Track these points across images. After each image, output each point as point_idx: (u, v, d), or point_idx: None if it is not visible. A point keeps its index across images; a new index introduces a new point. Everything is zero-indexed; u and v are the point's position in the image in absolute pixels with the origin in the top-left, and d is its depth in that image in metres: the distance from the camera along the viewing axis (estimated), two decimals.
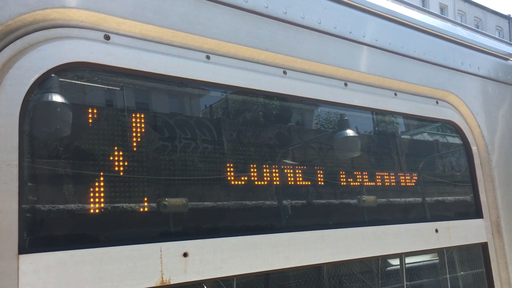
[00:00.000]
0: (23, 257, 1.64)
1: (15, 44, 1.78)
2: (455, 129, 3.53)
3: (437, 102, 3.41)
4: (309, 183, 2.78)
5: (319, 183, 2.83)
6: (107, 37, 1.99)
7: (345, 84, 2.86)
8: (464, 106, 3.52)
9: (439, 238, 3.10)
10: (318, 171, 2.85)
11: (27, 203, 1.75)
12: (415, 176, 3.41)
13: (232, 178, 2.42)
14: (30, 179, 1.78)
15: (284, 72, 2.58)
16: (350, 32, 2.86)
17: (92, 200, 1.94)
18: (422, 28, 3.34)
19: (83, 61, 1.90)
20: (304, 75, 2.67)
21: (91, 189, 1.95)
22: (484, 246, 3.43)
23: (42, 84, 1.82)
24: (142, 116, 2.20)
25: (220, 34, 2.32)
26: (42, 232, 1.82)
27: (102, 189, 1.97)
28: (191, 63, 2.22)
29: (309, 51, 2.67)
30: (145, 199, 2.09)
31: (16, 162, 1.68)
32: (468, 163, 3.54)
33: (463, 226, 3.30)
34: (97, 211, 1.95)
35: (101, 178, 1.97)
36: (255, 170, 2.52)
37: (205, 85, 2.32)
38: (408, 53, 3.19)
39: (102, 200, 1.96)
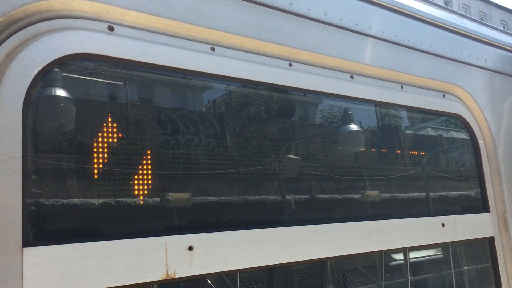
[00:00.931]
0: (27, 250, 1.63)
1: (18, 35, 1.76)
2: (462, 123, 3.50)
3: (443, 96, 3.37)
4: (314, 176, 2.76)
5: (324, 176, 2.80)
6: (111, 28, 1.97)
7: (351, 77, 2.83)
8: (471, 99, 3.48)
9: (446, 232, 3.07)
10: (323, 165, 2.83)
11: (31, 196, 1.73)
12: (421, 170, 3.39)
13: (237, 171, 2.40)
14: (34, 172, 1.76)
15: (290, 64, 2.55)
16: (357, 24, 2.83)
17: (96, 193, 1.92)
18: (429, 20, 3.30)
19: (86, 52, 1.88)
20: (309, 68, 2.64)
21: (96, 182, 1.93)
22: (490, 240, 3.40)
23: (46, 75, 1.80)
24: (146, 109, 2.18)
25: (225, 26, 2.29)
26: (46, 225, 1.80)
27: (106, 182, 1.95)
28: (195, 55, 2.20)
29: (315, 43, 2.64)
30: (149, 193, 2.07)
31: (19, 154, 1.66)
32: (475, 157, 3.51)
33: (469, 220, 3.27)
34: (101, 204, 1.93)
35: (105, 172, 1.96)
36: (260, 163, 2.50)
37: (210, 77, 2.30)
38: (415, 46, 3.15)
39: (106, 193, 1.94)
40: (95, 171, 1.94)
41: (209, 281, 2.27)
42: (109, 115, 2.03)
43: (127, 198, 2.01)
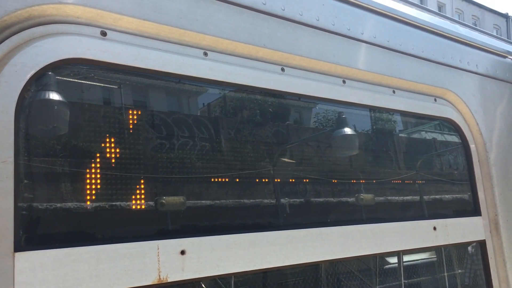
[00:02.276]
0: (19, 255, 1.63)
1: (10, 40, 1.76)
2: (454, 127, 3.52)
3: (435, 100, 3.40)
4: (307, 180, 2.77)
5: (317, 181, 2.82)
6: (103, 33, 1.98)
7: (343, 81, 2.85)
8: (463, 103, 3.51)
9: (437, 236, 3.09)
10: (316, 169, 2.85)
11: (23, 201, 1.73)
12: (413, 173, 3.41)
13: (230, 176, 2.41)
14: (26, 177, 1.77)
15: (282, 69, 2.57)
16: (349, 29, 2.85)
17: (88, 198, 1.93)
18: (421, 25, 3.33)
19: (79, 57, 1.89)
20: (302, 72, 2.66)
21: (88, 187, 1.94)
22: (482, 244, 3.42)
23: (38, 80, 1.81)
24: (139, 113, 2.19)
25: (218, 31, 2.30)
26: (38, 230, 1.81)
27: (98, 187, 1.96)
28: (188, 59, 2.21)
29: (307, 48, 2.66)
30: (142, 197, 2.07)
31: (11, 159, 1.67)
32: (466, 160, 3.54)
33: (461, 224, 3.29)
34: (93, 209, 1.93)
35: (98, 176, 1.96)
36: (253, 167, 2.51)
37: (203, 82, 2.31)
38: (407, 51, 3.18)
39: (98, 198, 1.95)
40: (88, 176, 1.94)
41: (203, 285, 2.28)
42: (102, 119, 2.03)
43: (119, 202, 2.02)
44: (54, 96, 1.91)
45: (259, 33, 2.45)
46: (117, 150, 2.03)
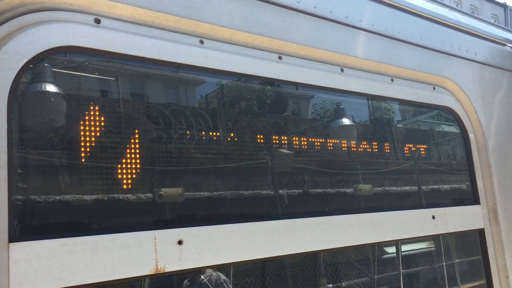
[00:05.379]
0: (13, 246, 1.61)
1: (2, 27, 1.73)
2: (452, 115, 3.50)
3: (434, 88, 3.38)
4: (305, 170, 2.75)
5: (315, 170, 2.80)
6: (97, 21, 1.94)
7: (341, 70, 2.82)
8: (461, 92, 3.49)
9: (436, 225, 3.09)
10: (314, 159, 2.83)
11: (17, 191, 1.71)
12: (412, 163, 3.39)
13: (228, 165, 2.39)
14: (20, 166, 1.74)
15: (280, 57, 2.54)
16: (346, 17, 2.82)
17: (84, 188, 1.90)
18: (419, 13, 3.30)
19: (73, 45, 1.85)
20: (299, 61, 2.63)
21: (83, 177, 1.91)
22: (481, 232, 3.42)
23: (31, 68, 1.78)
24: (135, 103, 2.16)
25: (214, 19, 2.27)
26: (33, 220, 1.78)
27: (94, 176, 1.93)
28: (184, 47, 2.18)
29: (304, 36, 2.63)
30: (138, 187, 2.05)
31: (4, 149, 1.64)
32: (465, 149, 3.52)
33: (460, 213, 3.29)
34: (89, 199, 1.91)
35: (94, 166, 1.94)
36: (250, 157, 2.49)
37: (199, 70, 2.28)
38: (405, 38, 3.15)
39: (94, 188, 1.92)
40: (82, 166, 1.91)
41: (201, 276, 2.26)
42: (96, 108, 2.00)
43: (115, 193, 2.00)
44: (47, 85, 1.88)
45: (256, 21, 2.42)
46: (112, 140, 2.01)
